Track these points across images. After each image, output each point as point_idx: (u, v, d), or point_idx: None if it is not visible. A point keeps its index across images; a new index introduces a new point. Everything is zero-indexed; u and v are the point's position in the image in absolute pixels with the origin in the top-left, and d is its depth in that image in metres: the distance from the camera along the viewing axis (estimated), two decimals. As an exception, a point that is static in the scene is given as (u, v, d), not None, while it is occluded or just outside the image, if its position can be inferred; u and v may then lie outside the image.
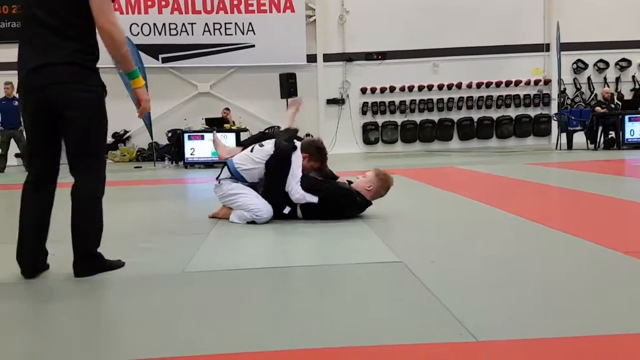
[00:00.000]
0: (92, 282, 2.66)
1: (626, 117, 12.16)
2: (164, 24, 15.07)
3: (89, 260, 2.71)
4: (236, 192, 4.13)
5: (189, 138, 11.47)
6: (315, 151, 4.19)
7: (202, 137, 11.46)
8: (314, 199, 4.02)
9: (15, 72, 2.69)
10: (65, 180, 2.74)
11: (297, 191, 4.01)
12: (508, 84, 15.83)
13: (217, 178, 4.30)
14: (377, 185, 4.15)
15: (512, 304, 2.13)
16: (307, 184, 4.03)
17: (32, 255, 2.71)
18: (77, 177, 2.71)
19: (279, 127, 14.99)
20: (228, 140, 11.32)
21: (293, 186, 4.01)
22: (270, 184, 4.09)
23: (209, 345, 1.80)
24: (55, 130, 2.64)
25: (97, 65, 2.73)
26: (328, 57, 15.57)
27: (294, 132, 4.49)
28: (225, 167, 4.27)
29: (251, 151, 4.24)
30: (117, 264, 2.86)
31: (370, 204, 4.17)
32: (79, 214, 2.69)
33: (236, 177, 4.18)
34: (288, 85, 13.25)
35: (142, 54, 12.88)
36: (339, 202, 4.06)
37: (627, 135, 12.17)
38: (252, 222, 4.05)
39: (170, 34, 15.12)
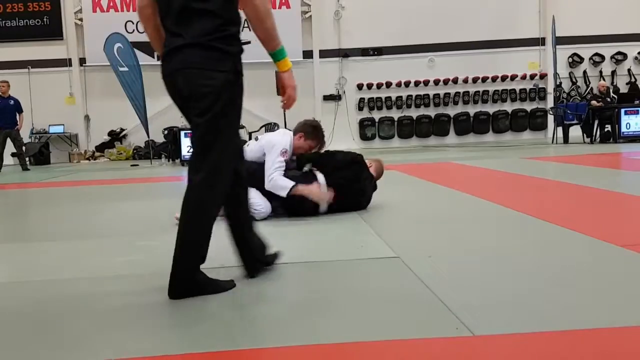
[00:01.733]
0: (92, 279, 2.66)
1: (622, 111, 12.19)
2: (159, 22, 15.02)
3: (181, 283, 2.27)
4: None
5: (186, 135, 11.45)
6: (311, 129, 4.19)
7: (199, 135, 11.43)
8: (282, 193, 3.92)
9: (9, 71, 2.59)
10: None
11: (271, 178, 3.92)
12: (504, 78, 15.85)
13: None
14: (379, 171, 4.43)
15: (509, 298, 2.14)
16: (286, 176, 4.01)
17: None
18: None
19: (275, 124, 14.90)
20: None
21: (268, 170, 3.94)
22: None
23: (208, 343, 1.81)
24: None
25: (95, 64, 2.51)
26: (324, 53, 15.56)
27: None
28: None
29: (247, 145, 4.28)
30: (223, 286, 2.36)
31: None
32: (181, 220, 2.29)
33: None
34: (284, 82, 13.21)
35: (137, 52, 12.84)
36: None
37: (623, 129, 12.22)
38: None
39: (165, 32, 15.07)
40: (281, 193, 3.93)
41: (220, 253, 2.63)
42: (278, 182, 3.92)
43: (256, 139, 4.31)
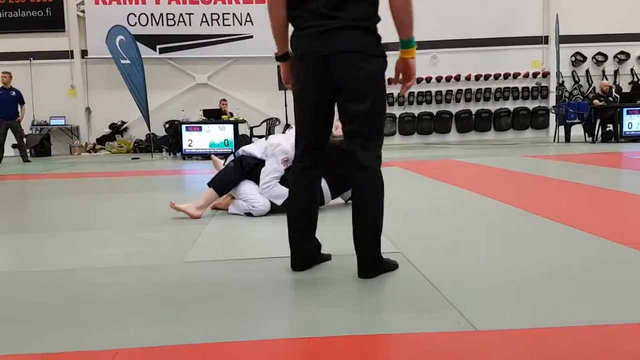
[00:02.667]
0: (91, 270, 2.66)
1: (624, 110, 12.17)
2: (161, 14, 15.00)
3: (377, 264, 2.39)
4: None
5: (187, 129, 11.43)
6: None
7: (200, 129, 11.43)
8: (277, 201, 3.96)
9: (12, 62, 2.54)
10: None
11: (264, 184, 3.98)
12: (506, 76, 15.81)
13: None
14: None
15: (512, 294, 2.13)
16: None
17: (299, 246, 2.51)
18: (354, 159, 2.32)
19: (277, 119, 14.83)
20: (226, 131, 11.32)
21: (265, 177, 4.00)
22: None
23: (206, 335, 1.80)
24: (330, 105, 2.35)
25: (97, 56, 2.50)
26: (326, 49, 15.51)
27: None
28: (231, 156, 4.37)
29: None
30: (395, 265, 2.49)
31: None
32: (363, 206, 2.36)
33: None
34: (286, 77, 13.19)
35: (139, 45, 12.81)
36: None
37: (625, 128, 12.19)
38: (249, 214, 4.04)
39: (167, 25, 15.05)
40: (276, 201, 3.98)
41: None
42: (275, 190, 3.98)
43: (265, 138, 4.37)
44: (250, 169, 4.13)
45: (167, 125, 14.00)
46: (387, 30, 2.46)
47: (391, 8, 2.25)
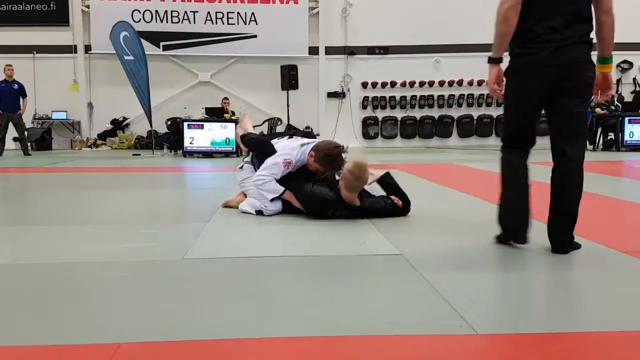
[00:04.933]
0: (92, 264, 2.66)
1: (626, 119, 12.19)
2: (166, 12, 15.01)
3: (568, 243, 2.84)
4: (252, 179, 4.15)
5: (189, 127, 11.44)
6: (322, 155, 3.97)
7: (202, 127, 11.43)
8: (269, 195, 3.97)
9: (14, 55, 2.52)
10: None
11: (259, 176, 3.97)
12: (509, 82, 15.81)
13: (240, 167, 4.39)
14: (347, 179, 3.81)
15: (512, 298, 2.14)
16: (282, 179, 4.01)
17: (521, 219, 2.95)
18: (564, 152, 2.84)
19: (279, 119, 14.81)
20: (227, 130, 11.32)
21: (263, 170, 3.99)
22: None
23: (206, 331, 1.80)
24: (549, 104, 2.83)
25: (100, 51, 2.63)
26: (330, 50, 15.53)
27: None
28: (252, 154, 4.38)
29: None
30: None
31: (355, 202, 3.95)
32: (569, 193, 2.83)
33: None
34: (289, 77, 13.22)
35: (143, 41, 12.82)
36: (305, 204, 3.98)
37: (627, 137, 12.21)
38: (260, 213, 4.03)
39: (172, 22, 15.06)
40: (268, 195, 3.98)
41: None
42: (268, 185, 3.96)
43: (289, 137, 4.33)
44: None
45: (169, 123, 14.00)
46: (386, 34, 2.48)
47: (601, 29, 2.76)
